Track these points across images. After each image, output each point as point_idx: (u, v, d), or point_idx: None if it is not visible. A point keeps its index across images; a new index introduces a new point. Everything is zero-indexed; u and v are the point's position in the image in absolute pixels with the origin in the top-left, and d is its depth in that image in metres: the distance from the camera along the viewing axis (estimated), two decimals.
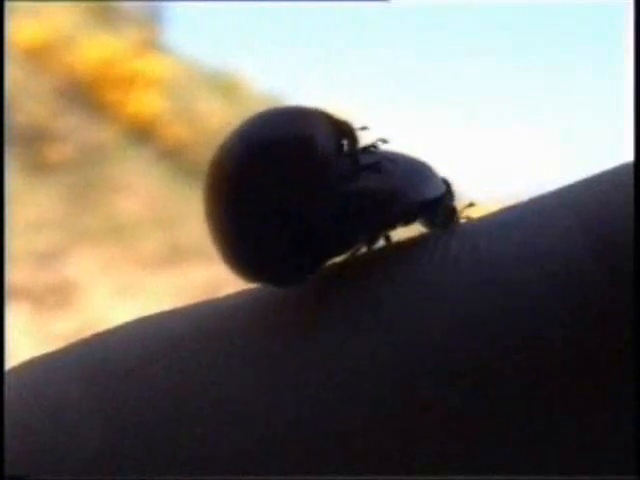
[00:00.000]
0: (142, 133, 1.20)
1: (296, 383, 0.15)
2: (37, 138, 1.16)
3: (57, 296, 1.02)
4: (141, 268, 1.03)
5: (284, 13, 1.15)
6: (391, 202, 0.17)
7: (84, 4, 1.24)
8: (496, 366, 0.14)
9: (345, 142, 0.17)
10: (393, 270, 0.16)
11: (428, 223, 0.17)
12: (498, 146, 1.10)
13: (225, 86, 1.29)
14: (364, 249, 0.17)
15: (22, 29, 1.20)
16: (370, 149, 0.17)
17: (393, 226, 0.17)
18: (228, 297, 0.17)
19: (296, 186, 0.16)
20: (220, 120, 1.31)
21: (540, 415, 0.14)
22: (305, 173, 0.16)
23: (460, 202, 0.18)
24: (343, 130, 0.17)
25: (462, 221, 0.18)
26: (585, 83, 1.04)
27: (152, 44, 1.26)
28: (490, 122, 1.12)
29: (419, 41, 1.13)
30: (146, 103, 1.21)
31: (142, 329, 0.16)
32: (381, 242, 0.17)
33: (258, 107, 0.17)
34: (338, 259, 0.16)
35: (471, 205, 0.18)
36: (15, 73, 1.19)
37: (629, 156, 0.16)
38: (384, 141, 0.17)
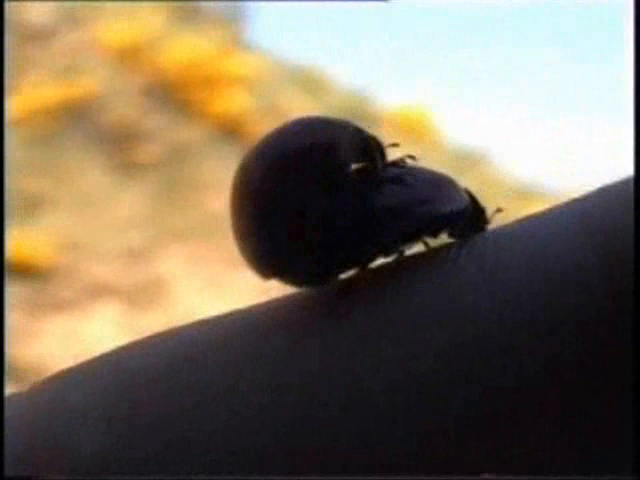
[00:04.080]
0: (229, 131, 1.21)
1: (309, 387, 0.15)
2: (126, 138, 1.18)
3: (147, 293, 1.04)
4: (228, 265, 1.04)
5: (367, 8, 1.15)
6: (410, 215, 0.17)
7: (170, 5, 1.26)
8: (500, 377, 0.15)
9: (369, 155, 0.17)
10: (403, 283, 0.16)
11: (454, 236, 0.17)
12: (568, 137, 1.08)
13: (309, 82, 1.29)
14: (383, 260, 0.17)
15: (111, 31, 1.23)
16: (394, 164, 0.17)
17: (413, 239, 0.17)
18: (249, 308, 0.17)
19: (316, 192, 0.16)
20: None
21: (541, 417, 0.14)
22: (325, 181, 0.16)
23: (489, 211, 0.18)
24: (368, 144, 0.17)
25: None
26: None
27: (237, 42, 1.28)
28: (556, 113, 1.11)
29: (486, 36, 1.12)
30: (232, 101, 1.23)
31: (162, 341, 0.17)
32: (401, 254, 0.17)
33: (342, 102, 0.17)
34: (354, 271, 0.17)
35: (499, 211, 0.18)
36: (105, 74, 1.21)
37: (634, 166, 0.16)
38: (412, 157, 0.18)
